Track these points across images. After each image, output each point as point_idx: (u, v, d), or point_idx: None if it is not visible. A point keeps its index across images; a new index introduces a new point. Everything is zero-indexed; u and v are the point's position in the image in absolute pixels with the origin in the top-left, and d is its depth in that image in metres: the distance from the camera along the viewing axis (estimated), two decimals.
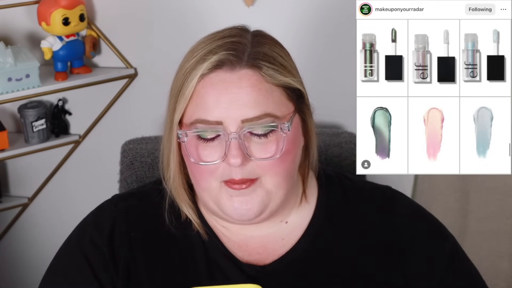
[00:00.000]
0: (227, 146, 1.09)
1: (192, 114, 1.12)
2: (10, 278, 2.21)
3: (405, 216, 1.22)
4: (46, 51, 1.87)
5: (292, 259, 1.19)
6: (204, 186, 1.14)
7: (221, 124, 1.09)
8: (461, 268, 1.21)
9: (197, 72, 1.11)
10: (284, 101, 1.13)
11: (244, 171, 1.10)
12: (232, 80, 1.10)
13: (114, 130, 2.03)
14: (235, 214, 1.13)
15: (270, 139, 1.11)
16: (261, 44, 1.13)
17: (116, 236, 1.19)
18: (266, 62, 1.11)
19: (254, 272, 1.17)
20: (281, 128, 1.11)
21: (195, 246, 1.19)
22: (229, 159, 1.09)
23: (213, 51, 1.11)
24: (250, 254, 1.19)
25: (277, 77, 1.12)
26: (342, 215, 1.22)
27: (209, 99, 1.10)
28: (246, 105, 1.09)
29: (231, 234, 1.20)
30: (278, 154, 1.11)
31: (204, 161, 1.11)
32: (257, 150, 1.11)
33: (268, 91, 1.11)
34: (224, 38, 1.13)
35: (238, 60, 1.10)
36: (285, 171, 1.13)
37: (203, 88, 1.10)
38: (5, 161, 2.07)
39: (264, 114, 1.10)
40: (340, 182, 1.26)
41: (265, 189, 1.13)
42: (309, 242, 1.20)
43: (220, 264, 1.18)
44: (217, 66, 1.10)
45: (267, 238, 1.20)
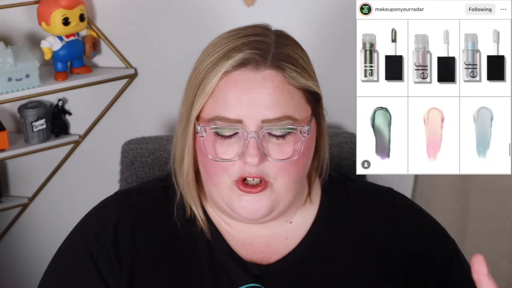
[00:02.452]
0: (245, 145, 1.09)
1: (211, 110, 1.11)
2: (10, 278, 2.21)
3: (407, 218, 1.23)
4: (46, 51, 1.87)
5: (295, 259, 1.19)
6: (217, 182, 1.13)
7: (241, 122, 1.09)
8: (460, 272, 1.21)
9: (220, 68, 1.10)
10: (303, 104, 1.13)
11: (258, 169, 1.10)
12: (256, 80, 1.10)
13: (114, 130, 2.03)
14: (244, 212, 1.13)
15: (287, 141, 1.11)
16: (285, 45, 1.13)
17: (120, 232, 1.19)
18: (290, 64, 1.11)
19: (258, 271, 1.17)
20: (301, 131, 1.11)
21: (199, 244, 1.19)
22: (246, 158, 1.09)
23: (237, 49, 1.10)
24: (254, 253, 1.19)
25: (299, 80, 1.12)
26: (344, 216, 1.23)
27: (231, 97, 1.09)
28: (267, 106, 1.09)
29: (235, 232, 1.20)
30: (296, 156, 1.11)
31: (221, 158, 1.11)
32: (274, 151, 1.11)
33: (290, 93, 1.11)
34: (248, 36, 1.12)
35: (263, 60, 1.10)
36: (297, 174, 1.14)
37: (226, 85, 1.10)
38: (5, 161, 2.07)
39: (284, 116, 1.10)
40: (343, 183, 1.26)
41: (275, 192, 1.13)
42: (312, 242, 1.20)
43: (223, 262, 1.18)
44: (241, 65, 1.10)
45: (271, 237, 1.20)
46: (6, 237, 2.16)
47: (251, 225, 1.19)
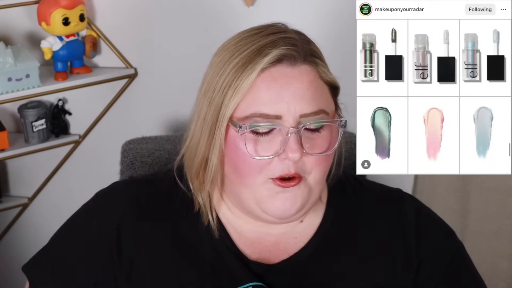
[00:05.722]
0: (285, 141, 1.09)
1: (247, 108, 1.10)
2: (10, 278, 2.21)
3: (414, 220, 1.22)
4: (46, 51, 1.87)
5: (300, 259, 1.19)
6: (250, 182, 1.12)
7: (280, 118, 1.09)
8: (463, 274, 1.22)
9: (256, 65, 1.09)
10: (330, 99, 1.15)
11: (296, 165, 1.10)
12: (293, 75, 1.10)
13: (114, 130, 2.03)
14: (278, 210, 1.13)
15: (322, 134, 1.12)
16: (308, 42, 1.15)
17: (124, 225, 1.19)
18: (319, 59, 1.13)
19: (260, 270, 1.17)
20: (338, 123, 1.13)
21: (203, 240, 1.19)
22: (287, 154, 1.09)
23: (271, 45, 1.10)
24: (261, 252, 1.19)
25: (328, 75, 1.14)
26: (351, 217, 1.23)
27: (271, 93, 1.09)
28: (305, 100, 1.09)
29: (246, 231, 1.20)
30: (333, 149, 1.13)
31: (261, 155, 1.10)
32: (311, 145, 1.11)
33: (322, 88, 1.13)
34: (275, 34, 1.12)
35: (298, 55, 1.11)
36: (327, 168, 1.15)
37: (263, 82, 1.09)
38: (5, 161, 2.07)
39: (319, 110, 1.11)
40: (350, 184, 1.26)
41: (308, 186, 1.13)
42: (318, 242, 1.20)
43: (226, 259, 1.18)
44: (278, 61, 1.10)
45: (282, 236, 1.20)
46: (6, 237, 2.16)
47: (266, 224, 1.18)
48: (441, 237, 1.23)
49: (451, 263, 1.21)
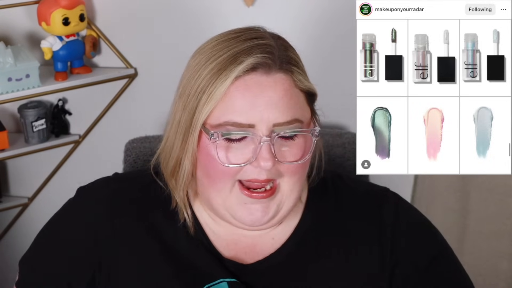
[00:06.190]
0: (258, 149, 1.08)
1: (220, 116, 1.09)
2: (10, 278, 2.21)
3: (390, 220, 1.21)
4: (46, 51, 1.87)
5: (277, 260, 1.18)
6: (221, 187, 1.12)
7: (253, 127, 1.08)
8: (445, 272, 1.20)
9: (230, 73, 1.08)
10: (305, 106, 1.13)
11: (269, 172, 1.10)
12: (268, 84, 1.09)
13: (114, 130, 2.03)
14: (249, 220, 1.13)
15: (296, 142, 1.11)
16: (286, 48, 1.13)
17: (99, 223, 1.20)
18: (295, 67, 1.12)
19: (235, 268, 1.17)
20: (312, 133, 1.12)
21: (178, 237, 1.19)
22: (259, 162, 1.08)
23: (246, 52, 1.09)
24: (237, 253, 1.19)
25: (304, 82, 1.12)
26: (330, 216, 1.22)
27: (244, 102, 1.08)
28: (279, 109, 1.09)
29: (222, 232, 1.20)
30: (306, 157, 1.12)
31: (232, 163, 1.10)
32: (285, 153, 1.10)
33: (297, 96, 1.11)
34: (253, 40, 1.11)
35: (273, 64, 1.09)
36: (303, 174, 1.14)
37: (237, 90, 1.08)
38: (5, 161, 2.07)
39: (294, 119, 1.10)
40: (332, 183, 1.25)
41: (281, 193, 1.13)
42: (295, 242, 1.20)
43: (201, 255, 1.18)
44: (252, 69, 1.09)
45: (259, 238, 1.20)
46: (6, 237, 2.16)
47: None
48: (420, 238, 1.21)
49: (430, 266, 1.19)
